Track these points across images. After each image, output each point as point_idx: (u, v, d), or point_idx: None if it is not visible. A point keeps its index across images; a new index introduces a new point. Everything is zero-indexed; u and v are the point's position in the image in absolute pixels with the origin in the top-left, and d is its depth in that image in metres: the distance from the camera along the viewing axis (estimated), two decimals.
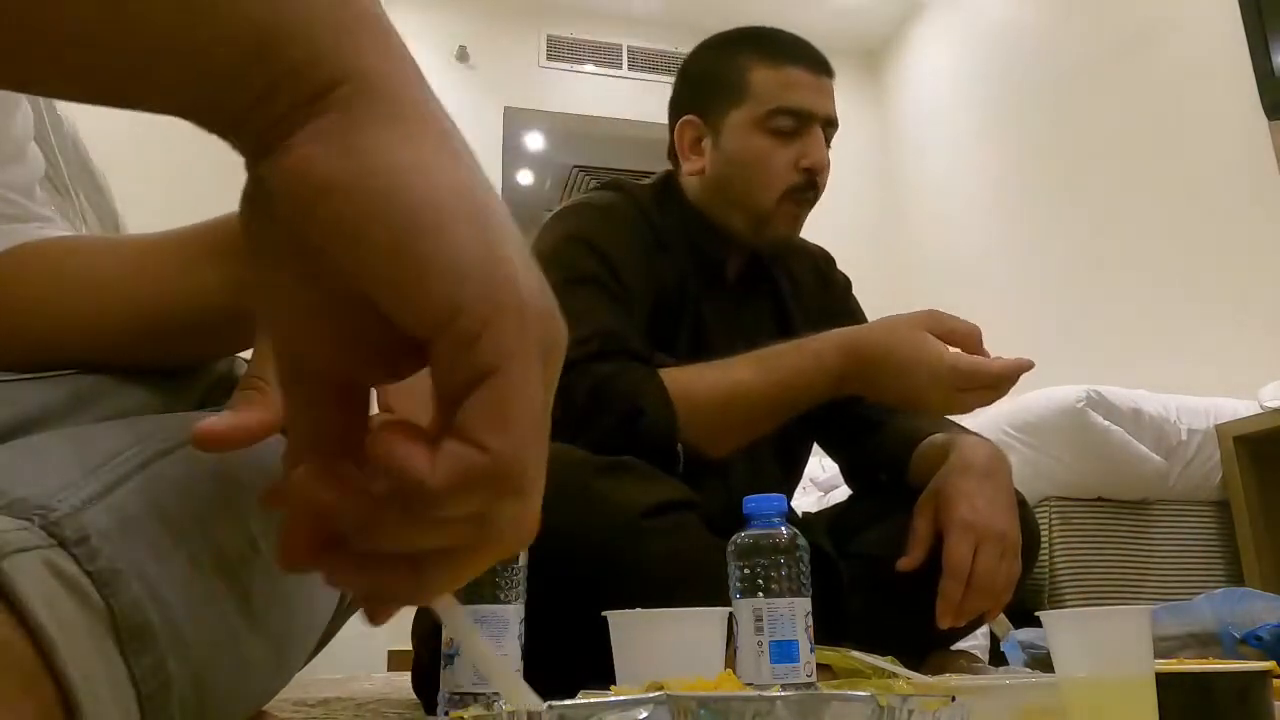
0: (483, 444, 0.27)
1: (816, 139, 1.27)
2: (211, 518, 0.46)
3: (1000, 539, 1.08)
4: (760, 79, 1.28)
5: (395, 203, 0.25)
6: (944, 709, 0.23)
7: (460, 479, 0.26)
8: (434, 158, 0.27)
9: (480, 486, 0.27)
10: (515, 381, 0.27)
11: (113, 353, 0.54)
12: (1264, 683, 0.66)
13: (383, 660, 2.91)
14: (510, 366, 0.27)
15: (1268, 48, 2.57)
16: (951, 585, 1.07)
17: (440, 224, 0.25)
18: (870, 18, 4.78)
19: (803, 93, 1.27)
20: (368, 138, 0.26)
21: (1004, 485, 1.14)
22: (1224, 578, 2.32)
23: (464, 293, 0.26)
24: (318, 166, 0.25)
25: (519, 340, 0.27)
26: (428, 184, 0.26)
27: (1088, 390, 2.23)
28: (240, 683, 0.49)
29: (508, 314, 0.26)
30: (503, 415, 0.27)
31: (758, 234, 1.30)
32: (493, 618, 0.80)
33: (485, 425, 0.27)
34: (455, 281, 0.25)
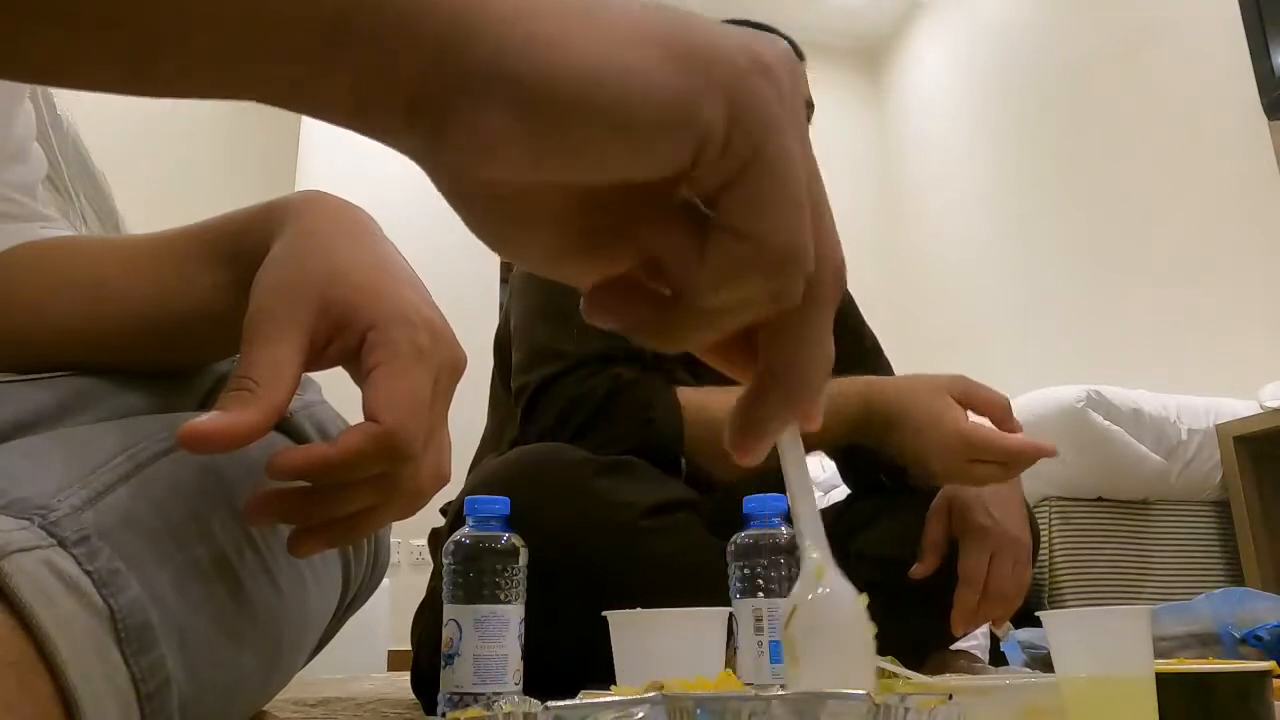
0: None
1: None
2: (209, 517, 0.46)
3: (1014, 547, 1.09)
4: None
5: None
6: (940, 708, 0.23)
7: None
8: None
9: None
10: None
11: (110, 354, 0.54)
12: (1264, 683, 0.66)
13: (383, 660, 2.91)
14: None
15: (1268, 48, 2.57)
16: (967, 594, 1.07)
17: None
18: (870, 17, 4.78)
19: None
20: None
21: (1015, 492, 1.14)
22: (1224, 578, 2.32)
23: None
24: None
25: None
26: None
27: (1088, 390, 2.23)
28: (239, 682, 0.49)
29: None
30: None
31: None
32: (493, 618, 0.80)
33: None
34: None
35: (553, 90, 0.24)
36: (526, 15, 0.24)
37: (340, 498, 0.45)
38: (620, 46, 0.25)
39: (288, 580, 0.51)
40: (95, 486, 0.41)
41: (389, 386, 0.44)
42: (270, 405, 0.41)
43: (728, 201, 0.26)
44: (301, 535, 0.47)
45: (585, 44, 0.24)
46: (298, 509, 0.46)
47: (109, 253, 0.55)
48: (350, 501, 0.46)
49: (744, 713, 0.20)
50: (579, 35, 0.24)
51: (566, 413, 1.10)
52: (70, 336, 0.53)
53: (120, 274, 0.54)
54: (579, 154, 0.25)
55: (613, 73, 0.24)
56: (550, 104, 0.24)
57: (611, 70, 0.24)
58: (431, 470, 0.47)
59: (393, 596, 2.83)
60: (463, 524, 0.84)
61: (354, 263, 0.47)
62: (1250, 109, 2.67)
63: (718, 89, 0.25)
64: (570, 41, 0.24)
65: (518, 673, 0.81)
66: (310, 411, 0.56)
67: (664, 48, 0.25)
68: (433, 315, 0.48)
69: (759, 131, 0.25)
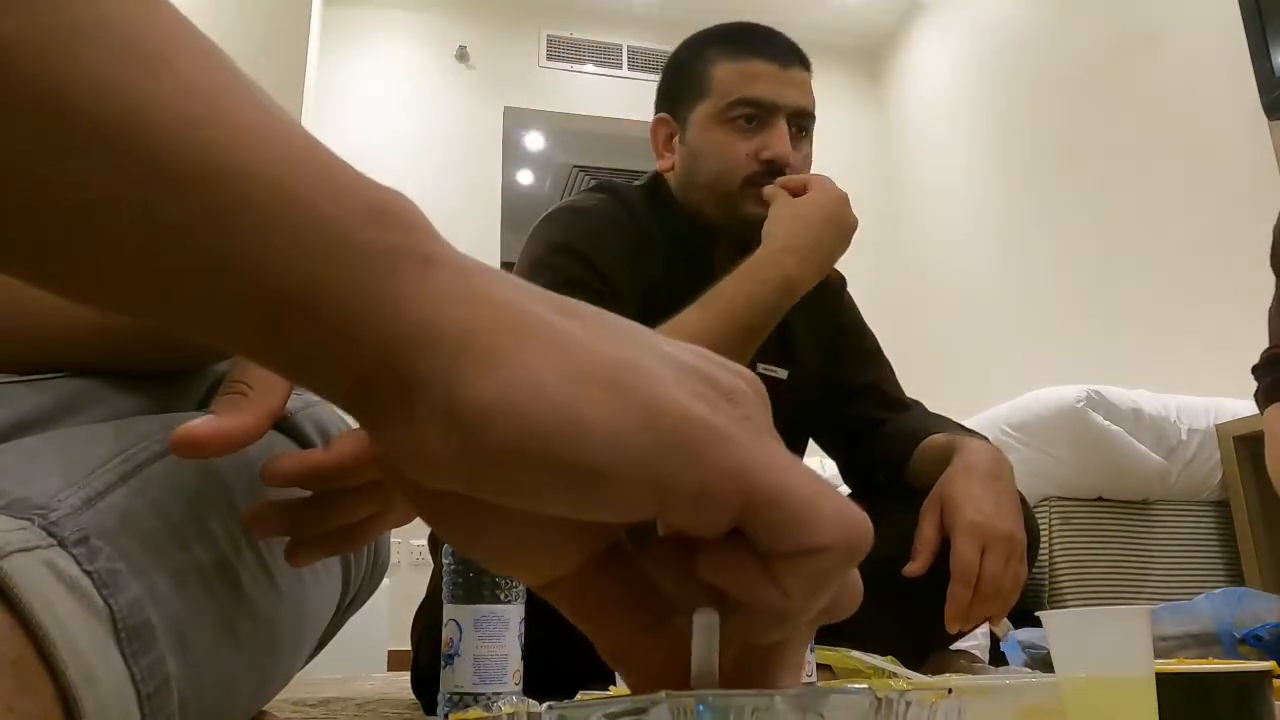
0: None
1: (779, 131, 1.26)
2: (209, 517, 0.46)
3: (1007, 542, 1.08)
4: (722, 73, 1.29)
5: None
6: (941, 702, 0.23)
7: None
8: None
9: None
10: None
11: (108, 356, 0.54)
12: (1264, 683, 0.66)
13: (383, 660, 2.91)
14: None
15: (1268, 48, 2.57)
16: (960, 590, 1.06)
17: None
18: (870, 17, 4.78)
19: (764, 84, 1.27)
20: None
21: (1009, 488, 1.14)
22: (1224, 578, 2.32)
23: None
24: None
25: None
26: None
27: (1088, 390, 2.23)
28: (239, 682, 0.49)
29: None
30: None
31: (730, 217, 1.29)
32: (493, 618, 0.80)
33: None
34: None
35: (487, 425, 0.22)
36: (479, 336, 0.22)
37: (340, 506, 0.45)
38: (568, 381, 0.22)
39: (287, 580, 0.51)
40: (95, 487, 0.41)
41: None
42: (264, 409, 0.41)
43: (755, 537, 0.23)
44: (301, 544, 0.47)
45: (530, 372, 0.22)
46: (298, 519, 0.46)
47: None
48: (350, 510, 0.46)
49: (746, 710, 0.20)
50: (526, 360, 0.22)
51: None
52: (68, 338, 0.53)
53: None
54: (513, 491, 0.23)
55: (554, 413, 0.22)
56: (484, 439, 0.22)
57: (553, 410, 0.22)
58: None
59: (393, 596, 2.83)
60: None
61: None
62: (1250, 109, 2.67)
63: (674, 444, 0.22)
64: (516, 374, 0.22)
65: (518, 673, 0.81)
66: (310, 411, 0.56)
67: (614, 389, 0.22)
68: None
69: (736, 478, 0.22)
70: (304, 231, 0.22)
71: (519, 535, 0.25)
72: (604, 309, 0.26)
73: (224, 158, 0.22)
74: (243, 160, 0.22)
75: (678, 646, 0.26)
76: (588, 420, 0.22)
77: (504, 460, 0.22)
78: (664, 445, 0.22)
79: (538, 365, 0.22)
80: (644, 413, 0.22)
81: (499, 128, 4.48)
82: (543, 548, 0.26)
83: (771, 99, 1.27)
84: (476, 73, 4.52)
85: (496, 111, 4.49)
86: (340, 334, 0.22)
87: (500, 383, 0.22)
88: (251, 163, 0.22)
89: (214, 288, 0.22)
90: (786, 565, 0.23)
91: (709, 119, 1.28)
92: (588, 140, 5.06)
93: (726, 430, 0.23)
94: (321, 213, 0.22)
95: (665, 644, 0.27)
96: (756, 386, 0.25)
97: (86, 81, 0.21)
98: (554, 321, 0.24)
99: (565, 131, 4.98)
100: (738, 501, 0.22)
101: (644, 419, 0.22)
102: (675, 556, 0.25)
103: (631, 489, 0.22)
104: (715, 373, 0.24)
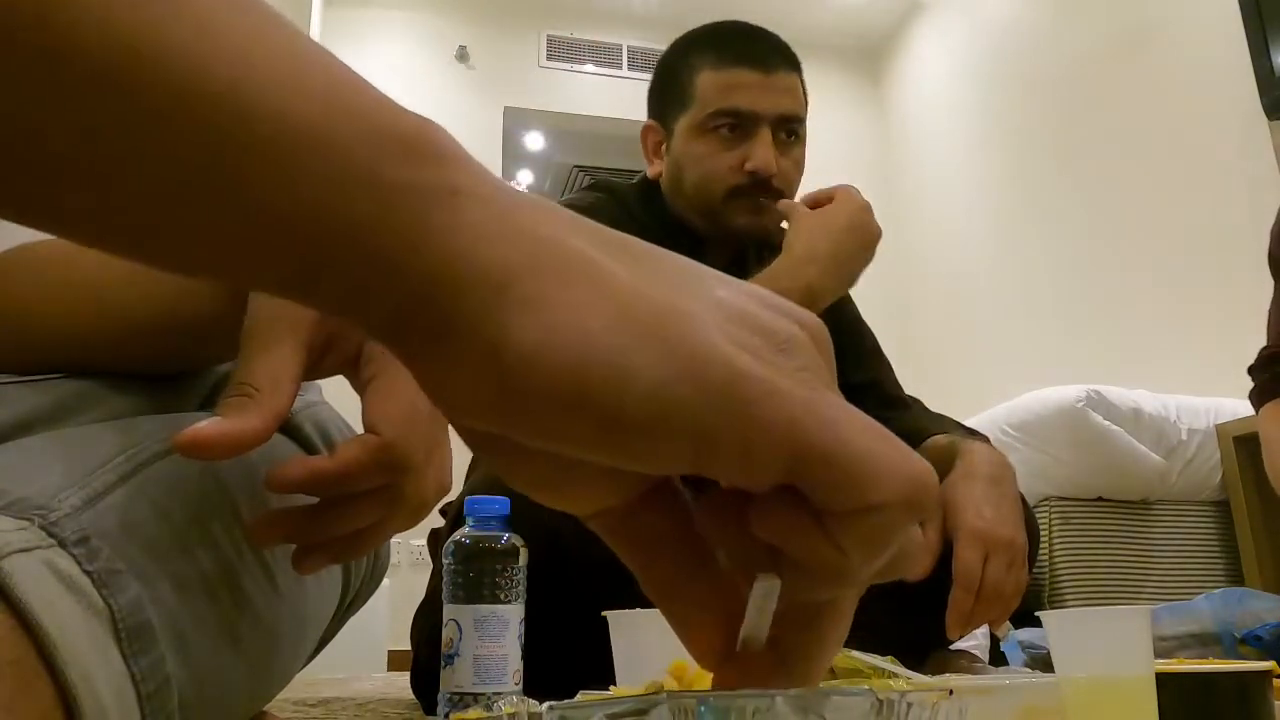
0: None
1: (762, 140, 1.24)
2: (209, 518, 0.46)
3: (1009, 547, 1.08)
4: (704, 82, 1.27)
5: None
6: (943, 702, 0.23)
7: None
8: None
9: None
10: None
11: (108, 357, 0.54)
12: (1264, 683, 0.66)
13: (383, 660, 2.91)
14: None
15: (1268, 48, 2.57)
16: (962, 596, 1.06)
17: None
18: (870, 17, 4.78)
19: (745, 94, 1.25)
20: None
21: (1011, 492, 1.13)
22: (1224, 578, 2.32)
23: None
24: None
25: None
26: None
27: (1088, 390, 2.23)
28: (239, 682, 0.49)
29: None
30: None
31: (715, 228, 1.28)
32: (493, 618, 0.80)
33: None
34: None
35: (528, 370, 0.21)
36: (521, 277, 0.22)
37: (345, 514, 0.45)
38: (614, 327, 0.22)
39: (287, 580, 0.51)
40: (95, 487, 0.41)
41: (387, 398, 0.44)
42: (271, 411, 0.41)
43: (809, 494, 0.22)
44: (306, 551, 0.47)
45: (575, 315, 0.22)
46: (303, 527, 0.46)
47: (106, 256, 0.55)
48: (355, 518, 0.46)
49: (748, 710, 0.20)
50: (572, 302, 0.22)
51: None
52: (68, 339, 0.53)
53: (118, 278, 0.54)
54: (552, 437, 0.22)
55: (597, 361, 0.21)
56: (524, 384, 0.21)
57: (597, 357, 0.21)
58: (434, 482, 0.47)
59: (393, 596, 2.83)
60: (463, 524, 0.84)
61: None
62: (1250, 109, 2.67)
63: (716, 397, 0.21)
64: (559, 319, 0.21)
65: (518, 673, 0.81)
66: (311, 412, 0.56)
67: (660, 338, 0.22)
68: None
69: (783, 434, 0.21)
70: (335, 173, 0.21)
71: (561, 470, 0.24)
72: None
73: (248, 101, 0.21)
74: (267, 102, 0.21)
75: (722, 588, 0.26)
76: (630, 370, 0.21)
77: (542, 406, 0.21)
78: (706, 398, 0.21)
79: (581, 310, 0.22)
80: (688, 363, 0.21)
81: (499, 128, 4.49)
82: (586, 482, 0.25)
83: (753, 109, 1.25)
84: (476, 73, 4.52)
85: (496, 111, 4.49)
86: (377, 275, 0.22)
87: (543, 327, 0.21)
88: (276, 104, 0.21)
89: (248, 235, 0.21)
90: (842, 523, 0.22)
91: (692, 129, 1.27)
92: (588, 140, 5.05)
93: (773, 383, 0.22)
94: (351, 153, 0.22)
95: (710, 584, 0.26)
96: (819, 334, 0.24)
97: (96, 26, 0.20)
98: (599, 261, 0.23)
99: (565, 131, 4.98)
100: (784, 459, 0.21)
101: (687, 370, 0.21)
102: (732, 510, 0.24)
103: (671, 442, 0.21)
104: (771, 320, 0.23)
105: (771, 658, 0.25)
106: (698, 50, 1.31)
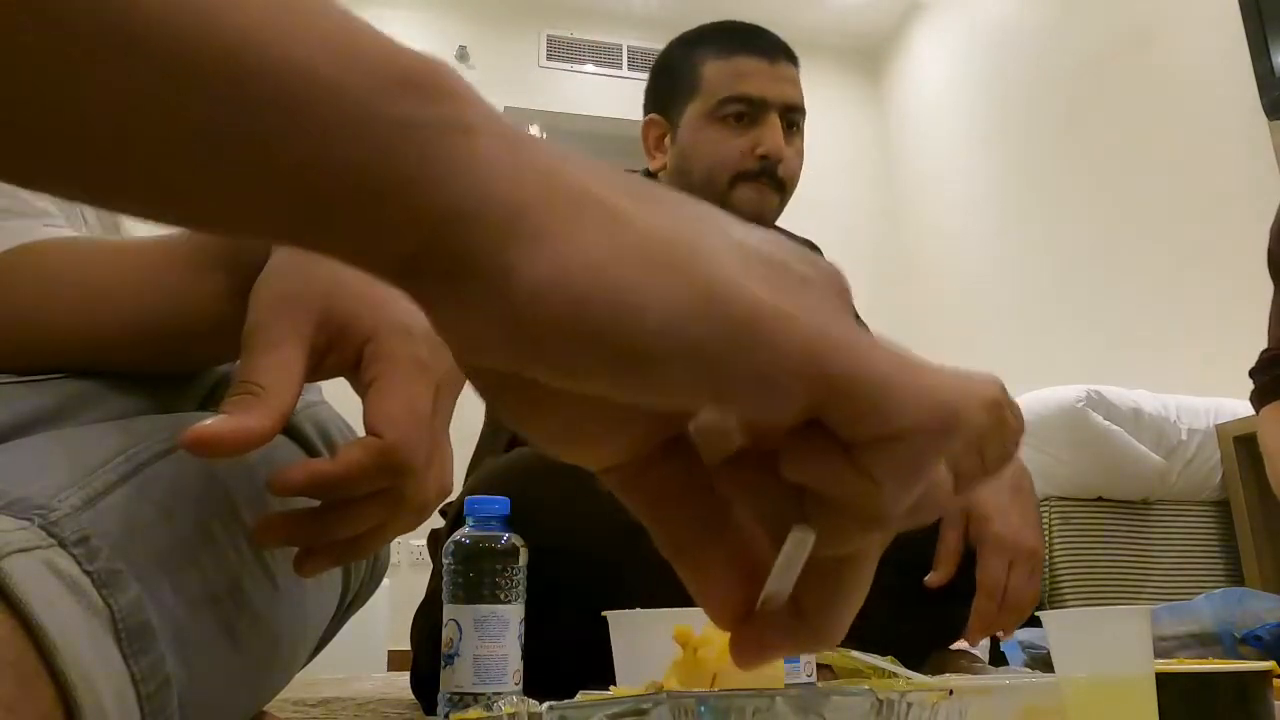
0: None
1: (772, 125, 1.27)
2: (209, 518, 0.46)
3: (1031, 556, 1.08)
4: (711, 71, 1.29)
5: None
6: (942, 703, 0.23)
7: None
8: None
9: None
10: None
11: (107, 357, 0.53)
12: (1264, 683, 0.66)
13: (383, 660, 2.91)
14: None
15: (1268, 48, 2.57)
16: (986, 604, 1.06)
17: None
18: (870, 18, 4.78)
19: (754, 80, 1.27)
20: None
21: (1032, 499, 1.13)
22: (1224, 578, 2.32)
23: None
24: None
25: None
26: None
27: (1088, 390, 2.23)
28: (239, 682, 0.49)
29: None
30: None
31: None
32: (493, 618, 0.80)
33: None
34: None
35: (539, 304, 0.21)
36: (531, 212, 0.22)
37: (346, 517, 0.45)
38: (626, 260, 0.21)
39: (287, 580, 0.51)
40: (95, 487, 0.41)
41: (389, 400, 0.44)
42: (276, 410, 0.41)
43: (835, 427, 0.22)
44: (308, 554, 0.47)
45: (587, 250, 0.21)
46: (305, 530, 0.46)
47: (107, 256, 0.55)
48: (357, 521, 0.46)
49: (748, 710, 0.20)
50: (583, 238, 0.21)
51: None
52: (67, 339, 0.53)
53: (118, 278, 0.54)
54: (566, 372, 0.22)
55: (610, 292, 0.21)
56: (536, 318, 0.21)
57: (609, 288, 0.21)
58: (436, 484, 0.47)
59: (393, 596, 2.83)
60: (463, 524, 0.84)
61: (353, 273, 0.47)
62: (1250, 109, 2.67)
63: (731, 327, 0.21)
64: (570, 252, 0.21)
65: (518, 673, 0.81)
66: (311, 412, 0.56)
67: (674, 269, 0.21)
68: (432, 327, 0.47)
69: (803, 361, 0.21)
70: (337, 116, 0.21)
71: (575, 419, 0.24)
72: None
73: (256, 52, 0.20)
74: (268, 49, 0.21)
75: (739, 546, 0.26)
76: (643, 302, 0.21)
77: (555, 341, 0.21)
78: (723, 328, 0.21)
79: (593, 243, 0.21)
80: (702, 295, 0.21)
81: None
82: (600, 433, 0.25)
83: (762, 95, 1.27)
84: (477, 73, 4.51)
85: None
86: (390, 214, 0.22)
87: (553, 261, 0.21)
88: (276, 50, 0.21)
89: (260, 184, 0.21)
90: (872, 454, 0.22)
91: (701, 118, 1.29)
92: (588, 140, 5.05)
93: (790, 313, 0.21)
94: (351, 94, 0.21)
95: (726, 542, 0.26)
96: (836, 280, 0.24)
97: None
98: (612, 198, 0.22)
99: (565, 131, 4.98)
100: (804, 387, 0.21)
101: (701, 302, 0.21)
102: (759, 467, 0.24)
103: (687, 375, 0.21)
104: (788, 260, 0.23)
105: (791, 616, 0.25)
106: (701, 44, 1.33)
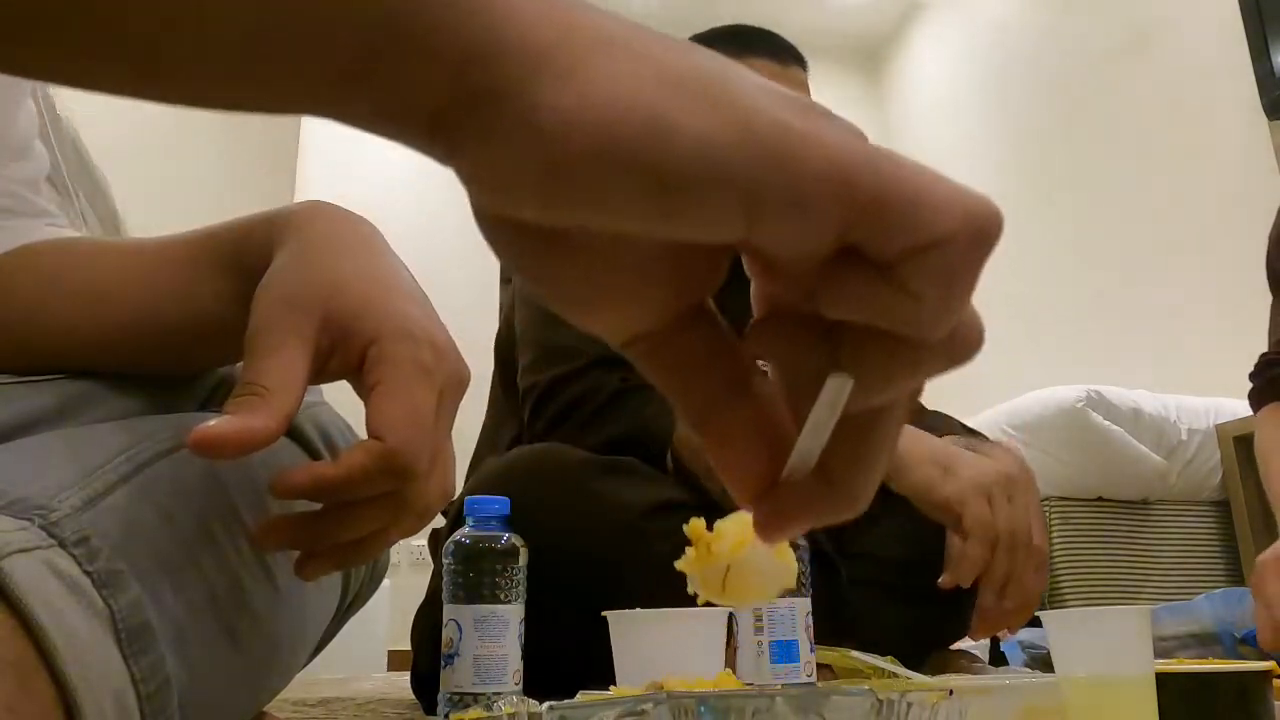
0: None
1: None
2: (209, 518, 0.46)
3: (1038, 555, 1.08)
4: None
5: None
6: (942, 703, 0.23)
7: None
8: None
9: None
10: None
11: (109, 358, 0.54)
12: (1264, 683, 0.66)
13: (383, 660, 2.91)
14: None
15: (1268, 48, 2.57)
16: (993, 601, 1.06)
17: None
18: (870, 18, 4.78)
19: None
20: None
21: (1036, 499, 1.13)
22: (1224, 578, 2.32)
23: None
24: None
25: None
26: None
27: (1088, 390, 2.23)
28: (239, 682, 0.49)
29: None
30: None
31: None
32: (493, 618, 0.80)
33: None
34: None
35: (570, 131, 0.21)
36: (562, 49, 0.22)
37: (348, 520, 0.45)
38: (655, 87, 0.21)
39: (287, 581, 0.51)
40: (95, 487, 0.41)
41: (391, 404, 0.44)
42: (281, 411, 0.41)
43: (869, 247, 0.22)
44: (309, 557, 0.47)
45: (614, 80, 0.21)
46: (307, 533, 0.46)
47: (108, 257, 0.55)
48: (359, 524, 0.46)
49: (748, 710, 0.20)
50: (610, 69, 0.22)
51: (569, 410, 1.10)
52: (69, 340, 0.53)
53: (119, 280, 0.54)
54: (597, 205, 0.22)
55: (640, 117, 0.21)
56: (567, 146, 0.21)
57: (639, 113, 0.21)
58: (438, 488, 0.47)
59: (393, 596, 2.83)
60: (463, 524, 0.84)
61: (356, 276, 0.47)
62: (1250, 109, 2.67)
63: (764, 148, 0.21)
64: (601, 80, 0.21)
65: (518, 673, 0.81)
66: (312, 413, 0.56)
67: (703, 96, 0.22)
68: (436, 330, 0.47)
69: (834, 178, 0.21)
70: None
71: (600, 280, 0.24)
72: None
73: None
74: None
75: (762, 413, 0.26)
76: (675, 125, 0.21)
77: (587, 172, 0.21)
78: (753, 149, 0.21)
79: (620, 74, 0.21)
80: (733, 118, 0.21)
81: None
82: (625, 295, 0.25)
83: None
84: None
85: None
86: (412, 66, 0.22)
87: (582, 91, 0.21)
88: None
89: (284, 44, 0.22)
90: (911, 266, 0.22)
91: None
92: None
93: (820, 133, 0.21)
94: None
95: (749, 410, 0.26)
96: (855, 127, 0.24)
97: None
98: (635, 37, 0.23)
99: None
100: (836, 206, 0.21)
101: (733, 124, 0.21)
102: (791, 323, 0.24)
103: (720, 199, 0.21)
104: (809, 100, 0.23)
105: (817, 483, 0.25)
106: (712, 46, 1.32)
